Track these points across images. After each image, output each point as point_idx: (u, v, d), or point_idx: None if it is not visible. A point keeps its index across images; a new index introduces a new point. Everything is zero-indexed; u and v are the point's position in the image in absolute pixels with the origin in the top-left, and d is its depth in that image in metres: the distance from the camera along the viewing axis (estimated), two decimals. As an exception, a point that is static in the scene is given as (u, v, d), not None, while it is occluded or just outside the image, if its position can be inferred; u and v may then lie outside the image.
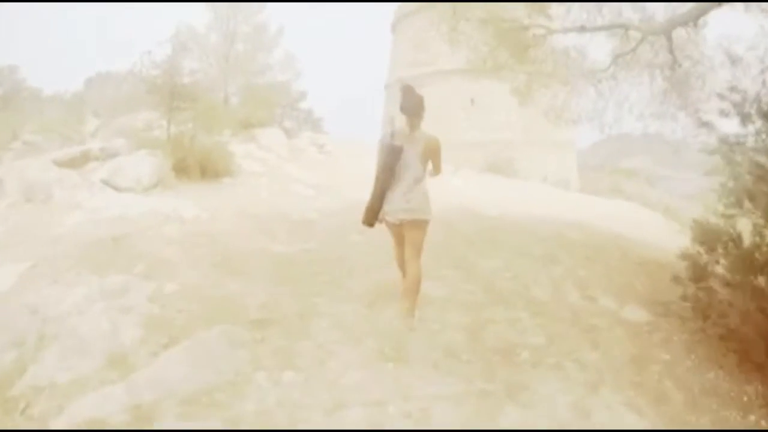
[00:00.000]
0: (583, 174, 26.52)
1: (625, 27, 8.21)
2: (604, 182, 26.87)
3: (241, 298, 4.45)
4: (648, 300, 4.77)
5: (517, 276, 5.47)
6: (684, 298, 4.37)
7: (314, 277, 5.15)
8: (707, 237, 4.31)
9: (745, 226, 4.13)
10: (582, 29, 8.46)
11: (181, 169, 10.50)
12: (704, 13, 7.13)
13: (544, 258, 6.05)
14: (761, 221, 4.02)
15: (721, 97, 4.38)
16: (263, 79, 20.28)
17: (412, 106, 4.23)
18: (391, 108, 23.26)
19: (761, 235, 4.03)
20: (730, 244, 4.16)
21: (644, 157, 55.82)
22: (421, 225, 4.24)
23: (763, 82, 4.37)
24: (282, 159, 13.66)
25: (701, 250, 4.35)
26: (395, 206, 4.16)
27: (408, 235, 4.23)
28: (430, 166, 4.34)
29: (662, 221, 11.99)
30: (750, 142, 4.23)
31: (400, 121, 4.32)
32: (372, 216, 4.27)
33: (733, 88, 4.31)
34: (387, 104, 24.48)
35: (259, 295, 4.52)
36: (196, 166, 10.55)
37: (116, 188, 9.43)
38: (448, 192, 11.32)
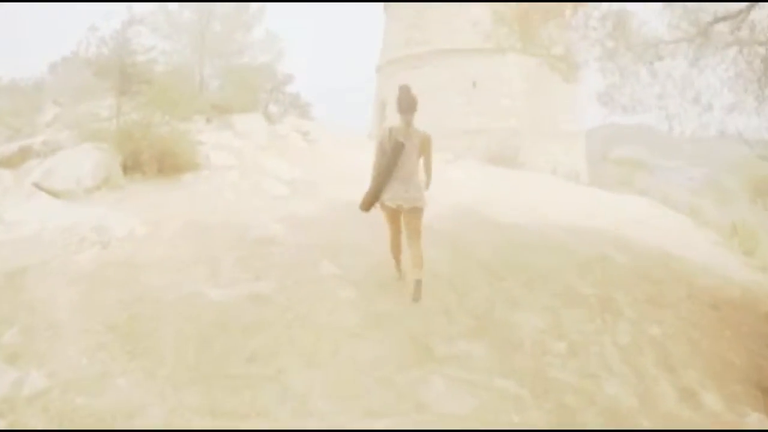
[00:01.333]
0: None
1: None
2: (610, 173, 25.57)
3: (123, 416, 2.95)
4: (757, 385, 3.35)
5: (575, 349, 4.00)
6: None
7: (248, 367, 3.59)
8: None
9: None
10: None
11: (133, 165, 9.13)
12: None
13: (598, 304, 4.64)
14: None
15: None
16: (242, 60, 18.73)
17: (408, 104, 4.88)
18: (382, 92, 21.75)
19: None
20: None
21: (635, 146, 54.54)
22: (418, 212, 4.85)
23: None
24: (260, 148, 12.30)
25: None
26: (395, 194, 4.72)
27: (407, 221, 4.84)
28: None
29: (691, 224, 10.69)
30: None
31: (392, 108, 5.04)
32: (370, 203, 4.86)
33: None
34: (378, 89, 22.94)
35: (153, 413, 3.00)
36: (152, 161, 9.19)
37: (51, 192, 8.03)
38: (449, 186, 10.14)
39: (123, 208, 6.72)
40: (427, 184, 5.07)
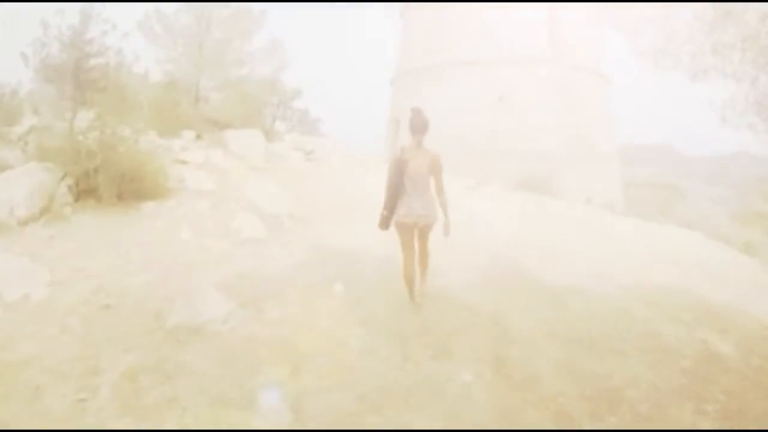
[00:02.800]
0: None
1: None
2: (643, 198, 23.76)
3: None
4: None
5: None
6: None
7: None
8: None
9: None
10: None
11: (88, 189, 7.69)
12: None
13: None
14: None
15: None
16: (242, 71, 17.40)
17: (419, 126, 5.18)
18: (397, 108, 20.26)
19: None
20: None
21: (653, 168, 52.73)
22: (431, 226, 5.24)
23: None
24: (251, 170, 10.92)
25: None
26: (412, 210, 5.09)
27: (422, 233, 5.27)
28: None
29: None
30: None
31: (406, 126, 5.35)
32: (387, 221, 5.20)
33: None
34: (393, 103, 21.41)
35: None
36: (110, 185, 7.72)
37: (-22, 222, 6.56)
38: (475, 223, 8.53)
39: (43, 254, 5.25)
40: (443, 209, 5.21)
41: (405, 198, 5.10)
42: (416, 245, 5.31)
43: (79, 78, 7.72)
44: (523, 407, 3.56)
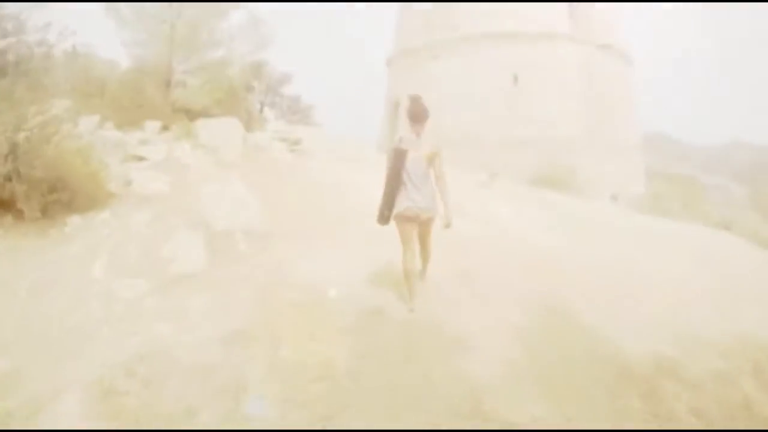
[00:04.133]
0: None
1: None
2: (662, 191, 22.29)
3: None
4: None
5: None
6: None
7: None
8: None
9: None
10: None
11: (3, 202, 6.30)
12: None
13: None
14: None
15: None
16: (218, 53, 15.84)
17: (418, 115, 5.06)
18: (395, 90, 18.67)
19: None
20: None
21: (652, 157, 51.46)
22: (433, 219, 5.09)
23: None
24: (219, 166, 9.53)
25: None
26: (414, 203, 4.90)
27: (423, 228, 5.12)
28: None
29: None
30: None
31: (404, 112, 5.32)
32: (386, 215, 5.01)
33: None
34: (390, 85, 19.78)
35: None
36: (33, 194, 6.27)
37: None
38: (494, 235, 7.20)
39: None
40: (444, 200, 5.08)
41: (404, 191, 4.97)
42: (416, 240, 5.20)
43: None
44: None
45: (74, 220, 6.01)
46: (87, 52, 15.61)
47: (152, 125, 12.14)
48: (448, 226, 5.07)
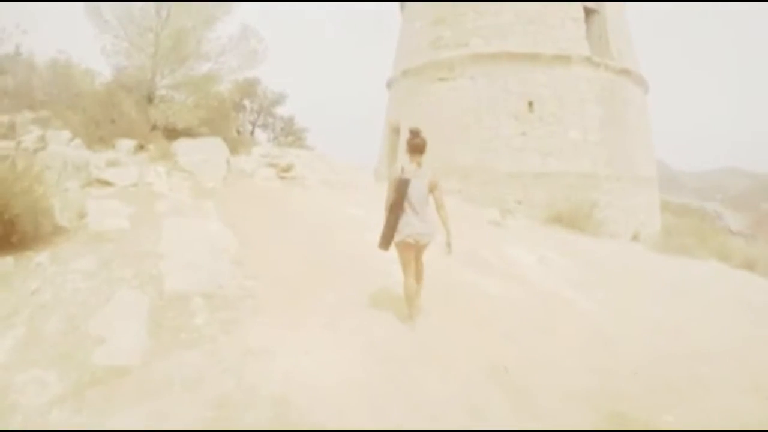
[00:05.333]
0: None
1: None
2: (674, 225, 21.34)
3: None
4: None
5: None
6: None
7: None
8: None
9: None
10: None
11: None
12: None
13: None
14: None
15: None
16: (205, 66, 14.88)
17: (419, 146, 5.46)
18: (396, 113, 17.71)
19: None
20: None
21: None
22: (427, 246, 5.48)
23: None
24: (194, 195, 8.55)
25: None
26: (414, 229, 5.27)
27: (419, 251, 5.48)
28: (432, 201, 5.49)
29: None
30: None
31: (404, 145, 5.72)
32: (388, 241, 5.35)
33: None
34: (390, 109, 18.79)
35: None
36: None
37: None
38: (517, 295, 6.50)
39: None
40: (445, 226, 5.41)
41: (405, 217, 5.31)
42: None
43: None
44: None
45: (5, 263, 4.94)
46: (66, 60, 14.65)
47: (126, 144, 11.16)
48: (449, 252, 5.39)
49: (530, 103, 14.26)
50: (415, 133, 5.49)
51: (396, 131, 17.10)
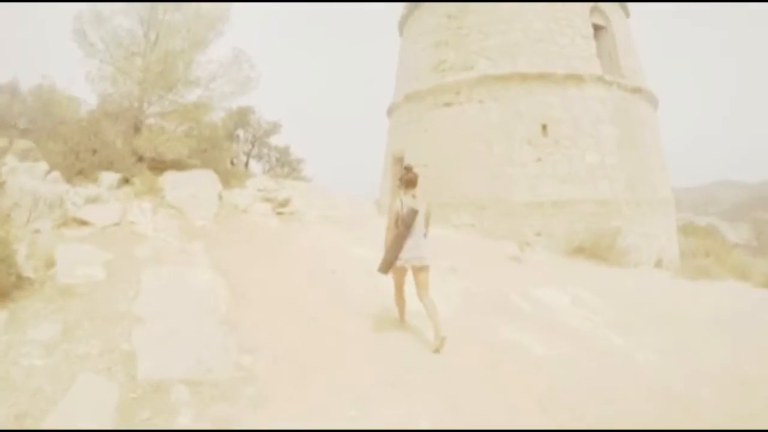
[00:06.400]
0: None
1: None
2: (694, 249, 20.68)
3: None
4: None
5: None
6: None
7: None
8: None
9: None
10: None
11: None
12: None
13: None
14: None
15: None
16: (195, 92, 14.17)
17: (413, 181, 6.10)
18: (396, 142, 17.00)
19: None
20: None
21: None
22: (428, 269, 5.97)
23: None
24: (182, 236, 7.83)
25: None
26: (410, 255, 5.83)
27: (419, 276, 5.91)
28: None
29: None
30: None
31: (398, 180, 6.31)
32: (389, 266, 5.82)
33: None
34: (392, 136, 18.06)
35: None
36: None
37: None
38: (574, 360, 5.80)
39: None
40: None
41: (404, 245, 5.84)
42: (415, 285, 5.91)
43: None
44: None
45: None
46: (50, 86, 13.93)
47: (109, 178, 10.36)
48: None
49: (544, 126, 13.54)
50: (408, 169, 6.16)
51: (399, 161, 16.34)
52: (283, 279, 6.36)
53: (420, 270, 5.87)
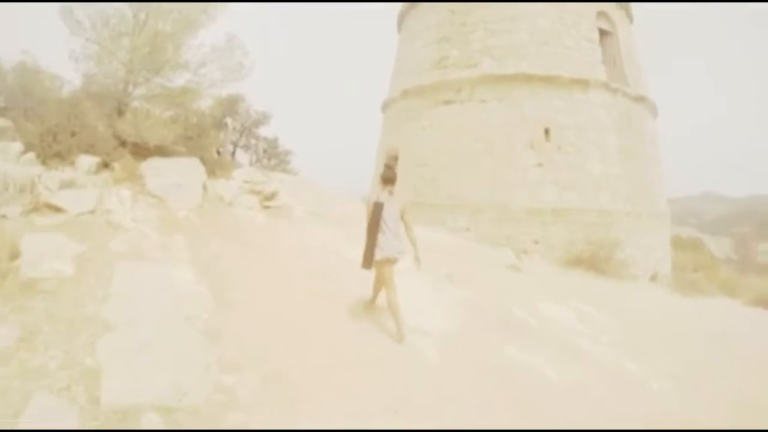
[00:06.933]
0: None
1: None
2: (682, 263, 20.52)
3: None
4: None
5: None
6: None
7: None
8: None
9: None
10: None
11: None
12: None
13: None
14: None
15: None
16: (184, 76, 13.60)
17: (391, 179, 6.33)
18: (392, 138, 16.54)
19: None
20: None
21: None
22: (397, 261, 6.20)
23: None
24: (162, 227, 7.33)
25: None
26: (391, 248, 6.05)
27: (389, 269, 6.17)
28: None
29: None
30: None
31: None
32: (370, 260, 6.02)
33: None
34: (386, 132, 17.56)
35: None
36: None
37: None
38: (596, 392, 5.30)
39: None
40: (414, 244, 6.20)
41: (383, 238, 6.07)
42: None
43: None
44: None
45: None
46: (33, 64, 13.29)
47: (87, 161, 9.78)
48: (419, 268, 6.17)
49: (547, 131, 13.13)
50: (388, 167, 6.51)
51: (394, 159, 15.87)
52: (271, 282, 5.88)
53: (394, 262, 6.16)
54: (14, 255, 5.28)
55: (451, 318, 6.32)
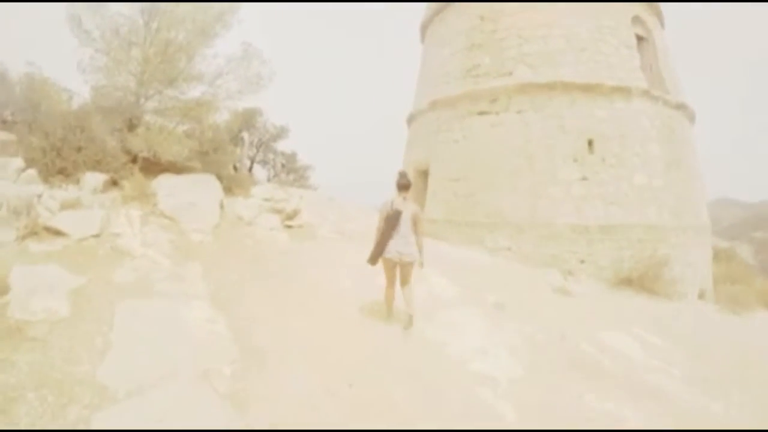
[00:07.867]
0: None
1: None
2: (720, 275, 19.53)
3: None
4: None
5: None
6: None
7: None
8: None
9: None
10: None
11: None
12: None
13: None
14: None
15: None
16: (199, 89, 12.90)
17: (406, 186, 6.67)
18: (418, 154, 15.70)
19: None
20: None
21: None
22: (413, 264, 6.56)
23: None
24: (178, 253, 6.52)
25: None
26: (397, 249, 6.46)
27: (404, 271, 6.56)
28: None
29: None
30: None
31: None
32: (376, 258, 6.47)
33: None
34: (412, 146, 16.68)
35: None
36: None
37: None
38: None
39: None
40: (422, 254, 6.65)
41: (392, 241, 6.49)
42: (398, 277, 6.62)
43: None
44: None
45: None
46: (40, 75, 12.65)
47: (93, 179, 9.06)
48: (421, 267, 6.63)
49: (590, 142, 12.25)
50: (402, 174, 6.70)
51: (423, 174, 15.05)
52: (303, 319, 5.05)
53: (405, 265, 6.50)
54: (3, 290, 4.50)
55: (516, 359, 5.46)
